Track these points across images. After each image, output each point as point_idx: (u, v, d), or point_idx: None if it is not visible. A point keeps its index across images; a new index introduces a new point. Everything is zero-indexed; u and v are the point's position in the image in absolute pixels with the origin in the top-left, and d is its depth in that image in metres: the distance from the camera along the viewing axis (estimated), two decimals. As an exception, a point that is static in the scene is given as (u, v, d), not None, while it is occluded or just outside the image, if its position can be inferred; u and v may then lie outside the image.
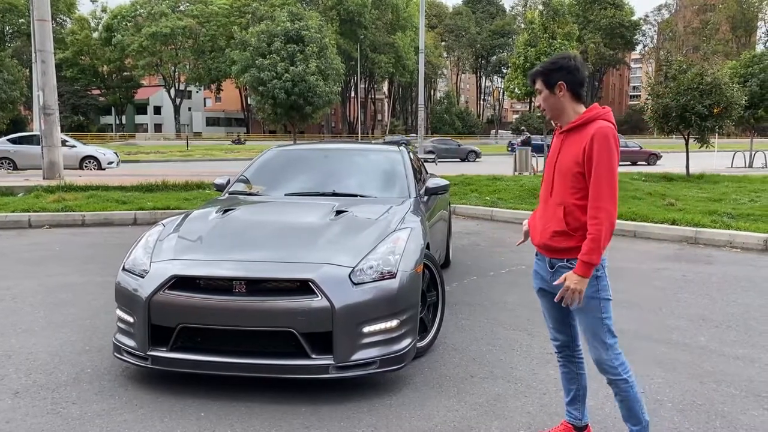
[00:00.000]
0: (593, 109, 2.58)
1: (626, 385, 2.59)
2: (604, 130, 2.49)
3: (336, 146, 6.62)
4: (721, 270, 6.63)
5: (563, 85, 2.58)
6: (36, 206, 10.13)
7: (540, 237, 2.66)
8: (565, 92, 2.59)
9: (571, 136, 2.59)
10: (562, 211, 2.55)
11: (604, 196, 2.45)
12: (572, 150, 2.56)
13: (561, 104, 2.61)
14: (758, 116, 21.66)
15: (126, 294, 3.55)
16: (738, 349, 4.16)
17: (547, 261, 2.65)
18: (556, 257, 2.60)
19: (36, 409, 3.22)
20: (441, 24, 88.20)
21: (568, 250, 2.56)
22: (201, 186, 12.86)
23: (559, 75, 2.58)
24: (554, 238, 2.58)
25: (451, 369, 3.79)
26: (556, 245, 2.58)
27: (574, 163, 2.53)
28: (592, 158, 2.47)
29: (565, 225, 2.54)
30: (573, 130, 2.59)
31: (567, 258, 2.56)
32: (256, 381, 3.42)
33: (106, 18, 70.48)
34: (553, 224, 2.58)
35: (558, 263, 2.60)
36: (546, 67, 2.63)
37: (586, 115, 2.56)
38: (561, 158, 2.61)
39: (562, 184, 2.58)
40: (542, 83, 2.62)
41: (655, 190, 12.14)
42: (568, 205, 2.55)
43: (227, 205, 4.48)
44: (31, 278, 6.11)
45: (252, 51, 18.87)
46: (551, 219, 2.60)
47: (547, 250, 2.64)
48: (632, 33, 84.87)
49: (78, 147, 22.80)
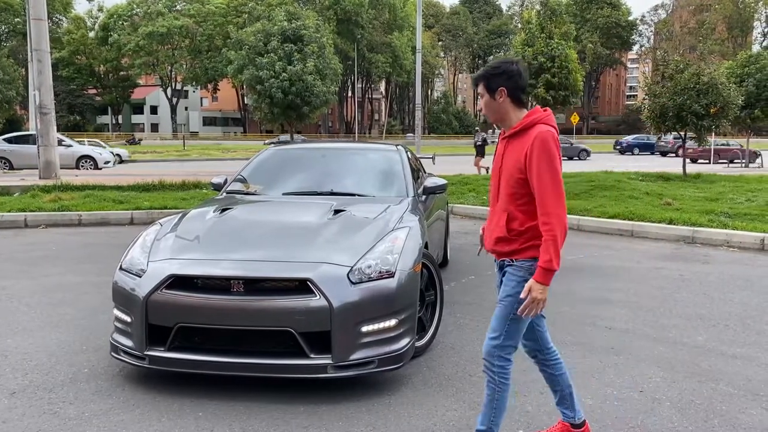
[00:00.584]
0: (533, 113, 2.57)
1: (494, 386, 2.60)
2: (544, 135, 2.48)
3: (334, 145, 6.62)
4: (718, 269, 6.64)
5: (504, 90, 2.56)
6: (32, 206, 10.09)
7: (488, 243, 2.72)
8: (505, 97, 2.58)
9: (513, 142, 2.59)
10: (506, 218, 2.58)
11: (551, 202, 2.46)
12: (514, 156, 2.56)
13: (502, 109, 2.60)
14: (754, 116, 21.71)
15: (123, 293, 3.53)
16: (736, 348, 4.17)
17: (497, 263, 2.71)
18: (502, 258, 2.65)
19: (33, 409, 3.21)
20: (438, 24, 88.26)
21: (510, 253, 2.60)
22: (198, 185, 12.84)
23: (500, 80, 2.57)
24: (498, 244, 2.63)
25: (450, 368, 3.79)
26: (499, 250, 2.63)
27: (517, 169, 2.53)
28: (532, 163, 2.47)
29: (506, 232, 2.57)
30: (515, 136, 2.59)
31: (509, 258, 2.61)
32: (254, 380, 3.41)
33: (102, 17, 70.32)
34: (496, 231, 2.62)
35: (504, 262, 2.64)
36: (488, 72, 2.62)
37: (526, 120, 2.56)
38: (504, 164, 2.61)
39: (506, 190, 2.59)
40: (484, 87, 2.61)
41: (652, 190, 12.16)
42: (512, 212, 2.57)
43: (225, 205, 4.47)
44: (28, 278, 6.09)
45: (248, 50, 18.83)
46: (496, 226, 2.63)
47: (495, 254, 2.70)
48: (629, 33, 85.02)
49: (74, 146, 22.75)
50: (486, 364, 2.61)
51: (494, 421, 2.64)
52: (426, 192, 5.19)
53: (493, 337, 2.59)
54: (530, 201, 2.53)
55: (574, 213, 9.79)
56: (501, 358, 2.58)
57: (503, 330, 2.57)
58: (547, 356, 2.78)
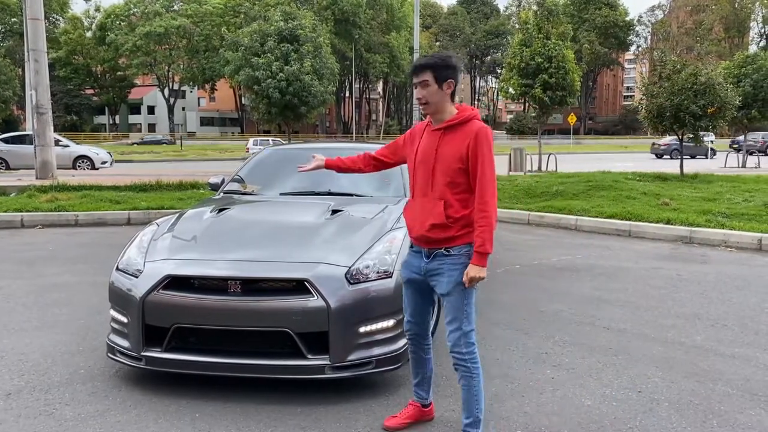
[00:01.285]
0: (467, 109, 2.73)
1: (469, 374, 2.74)
2: (486, 130, 2.65)
3: (331, 145, 6.60)
4: (715, 269, 6.64)
5: (452, 83, 2.70)
6: (29, 206, 10.06)
7: (418, 229, 2.76)
8: (451, 90, 2.70)
9: (450, 134, 2.71)
10: (443, 205, 2.68)
11: (489, 192, 2.63)
12: (453, 147, 2.67)
13: (444, 101, 2.71)
14: (751, 116, 21.71)
15: (120, 294, 3.51)
16: (734, 348, 4.16)
17: (424, 252, 2.78)
18: (434, 247, 2.73)
19: (29, 411, 3.19)
20: (436, 24, 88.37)
21: (446, 240, 2.70)
22: (195, 186, 12.81)
23: (450, 72, 2.69)
24: (432, 231, 2.70)
25: (448, 369, 3.75)
26: (434, 237, 2.71)
27: (457, 160, 2.66)
28: (477, 156, 2.62)
29: (445, 218, 2.67)
30: (451, 128, 2.70)
31: (445, 247, 2.71)
32: (251, 381, 3.40)
33: (99, 17, 70.20)
34: (432, 218, 2.69)
35: (435, 251, 2.73)
36: (438, 63, 2.69)
37: (464, 114, 2.70)
38: (441, 154, 2.70)
39: (443, 179, 2.69)
40: (432, 77, 2.67)
41: (649, 190, 12.16)
42: (449, 200, 2.68)
43: (222, 205, 4.45)
44: (24, 278, 6.06)
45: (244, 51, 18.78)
46: (430, 213, 2.70)
47: (424, 241, 2.76)
48: (626, 33, 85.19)
49: (71, 147, 22.69)
50: (456, 357, 2.72)
51: (478, 408, 2.77)
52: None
53: (455, 328, 2.71)
54: (465, 190, 2.68)
55: (572, 213, 9.80)
56: (468, 344, 2.71)
57: (463, 317, 2.70)
58: (425, 341, 2.97)
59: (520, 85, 19.24)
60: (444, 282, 2.71)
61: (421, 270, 2.80)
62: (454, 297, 2.69)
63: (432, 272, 2.75)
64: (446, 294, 2.71)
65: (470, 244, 2.67)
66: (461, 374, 2.75)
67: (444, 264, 2.71)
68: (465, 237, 2.69)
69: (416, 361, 3.01)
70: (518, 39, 20.29)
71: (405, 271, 2.91)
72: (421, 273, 2.81)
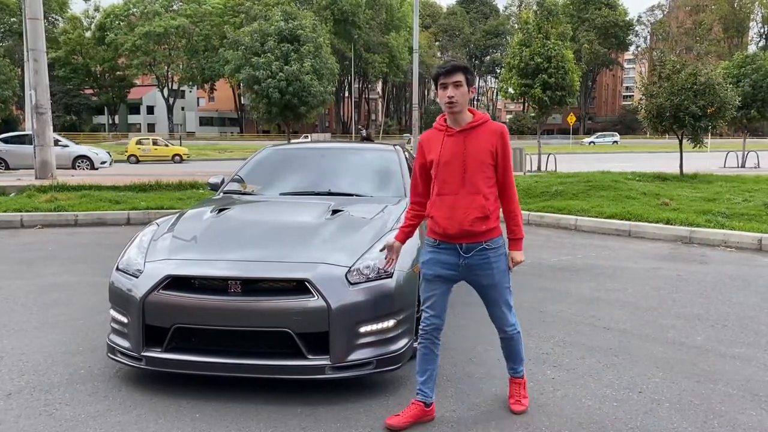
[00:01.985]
0: (478, 112, 3.01)
1: (519, 336, 3.17)
2: (504, 128, 2.98)
3: (331, 145, 6.60)
4: (715, 269, 6.64)
5: (474, 88, 3.02)
6: (28, 206, 10.06)
7: (459, 225, 2.91)
8: (473, 95, 3.00)
9: (473, 134, 2.94)
10: (481, 198, 2.91)
11: (514, 184, 3.02)
12: (481, 145, 2.92)
13: (467, 103, 2.97)
14: (751, 116, 21.71)
15: (120, 294, 3.51)
16: (734, 349, 4.16)
17: (462, 247, 2.95)
18: (473, 241, 2.94)
19: (29, 411, 3.18)
20: (435, 24, 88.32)
21: (486, 232, 2.94)
22: (195, 186, 12.80)
23: (474, 79, 3.04)
24: (475, 223, 2.91)
25: (449, 369, 3.78)
26: (476, 229, 2.91)
27: (487, 156, 2.92)
28: (505, 153, 2.95)
29: (487, 210, 2.91)
30: (472, 129, 2.95)
31: (484, 240, 2.95)
32: (251, 382, 3.40)
33: (98, 17, 70.12)
34: (474, 211, 2.91)
35: (476, 247, 2.95)
36: (469, 68, 2.99)
37: (481, 117, 2.99)
38: (471, 153, 2.91)
39: (479, 175, 2.92)
40: (464, 79, 2.91)
41: (649, 190, 12.16)
42: (485, 193, 2.92)
43: (222, 205, 4.44)
44: (24, 278, 6.06)
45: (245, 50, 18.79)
46: (470, 207, 2.91)
47: (465, 236, 2.93)
48: (626, 33, 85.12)
49: (71, 147, 22.68)
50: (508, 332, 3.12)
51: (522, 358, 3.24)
52: (424, 192, 5.17)
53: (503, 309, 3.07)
54: (494, 184, 2.97)
55: (571, 213, 9.79)
56: (514, 316, 3.13)
57: (507, 296, 3.07)
58: (438, 337, 3.10)
59: (519, 85, 19.24)
60: (492, 273, 2.98)
61: (457, 266, 2.98)
62: (500, 283, 3.01)
63: (475, 267, 2.96)
64: (494, 284, 3.00)
65: (501, 236, 3.02)
66: (513, 342, 3.15)
67: (488, 258, 2.96)
68: (498, 229, 2.98)
69: (427, 357, 3.08)
70: (518, 39, 20.28)
71: (432, 268, 3.03)
72: (456, 269, 2.99)
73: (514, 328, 3.14)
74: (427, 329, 3.06)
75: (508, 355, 3.23)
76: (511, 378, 3.31)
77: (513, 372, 3.29)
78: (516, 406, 3.21)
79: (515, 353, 3.21)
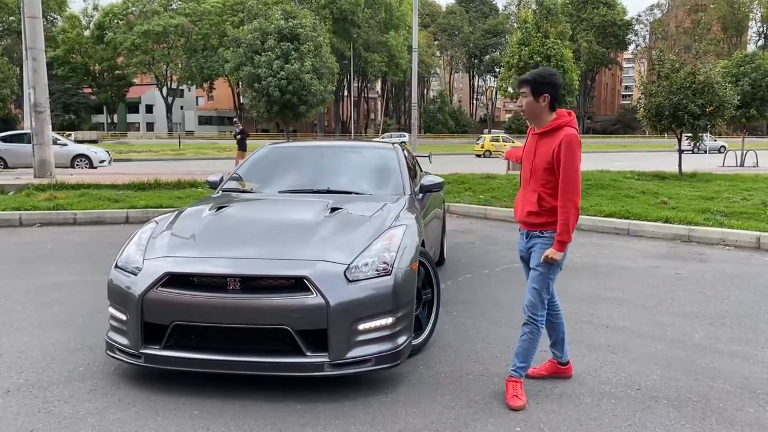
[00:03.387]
0: (561, 117, 3.22)
1: (538, 331, 3.31)
2: (570, 137, 3.14)
3: (330, 144, 6.60)
4: (714, 267, 6.65)
5: (547, 97, 3.20)
6: (27, 204, 10.05)
7: (519, 214, 3.40)
8: (546, 103, 3.21)
9: (545, 138, 3.24)
10: (536, 197, 3.25)
11: (569, 190, 3.15)
12: (544, 150, 3.21)
13: (540, 111, 3.24)
14: (750, 116, 21.75)
15: (119, 291, 3.51)
16: (732, 346, 4.17)
17: (525, 233, 3.41)
18: (531, 230, 3.35)
19: (27, 408, 3.18)
20: (434, 23, 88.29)
21: (539, 225, 3.29)
22: (194, 184, 12.80)
23: (545, 88, 3.20)
24: (529, 216, 3.31)
25: (447, 366, 3.78)
26: (530, 221, 3.32)
27: (546, 161, 3.20)
28: (560, 160, 3.14)
29: (538, 207, 3.25)
30: (546, 134, 3.24)
31: (539, 230, 3.29)
32: (250, 379, 3.40)
33: (97, 16, 70.14)
34: (528, 206, 3.31)
35: (532, 234, 3.34)
36: (536, 79, 3.20)
37: (556, 122, 3.21)
38: (537, 155, 3.25)
39: (536, 176, 3.27)
40: (529, 90, 3.20)
41: (648, 189, 12.18)
42: (541, 193, 3.25)
43: (221, 203, 4.44)
44: (22, 277, 6.06)
45: (245, 48, 18.79)
46: (527, 202, 3.32)
47: (524, 224, 3.39)
48: (625, 32, 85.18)
49: (69, 145, 22.65)
50: (530, 317, 3.29)
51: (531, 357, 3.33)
52: (423, 190, 5.18)
53: (536, 294, 3.28)
54: (554, 186, 3.20)
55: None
56: (542, 308, 3.31)
57: (544, 286, 3.29)
58: (553, 308, 3.48)
59: (518, 84, 19.24)
60: (536, 257, 3.29)
61: (524, 248, 3.43)
62: (542, 269, 3.26)
63: (530, 248, 3.37)
64: (535, 267, 3.29)
65: None
66: (529, 329, 3.29)
67: (537, 243, 3.30)
68: (555, 224, 3.21)
69: (547, 324, 3.46)
70: (517, 38, 20.29)
71: (518, 251, 3.53)
72: (525, 250, 3.43)
73: (534, 318, 3.28)
74: None
75: (519, 349, 3.33)
76: (508, 377, 3.36)
77: (513, 370, 3.34)
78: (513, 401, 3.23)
79: (525, 349, 3.30)
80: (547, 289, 3.30)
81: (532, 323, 3.29)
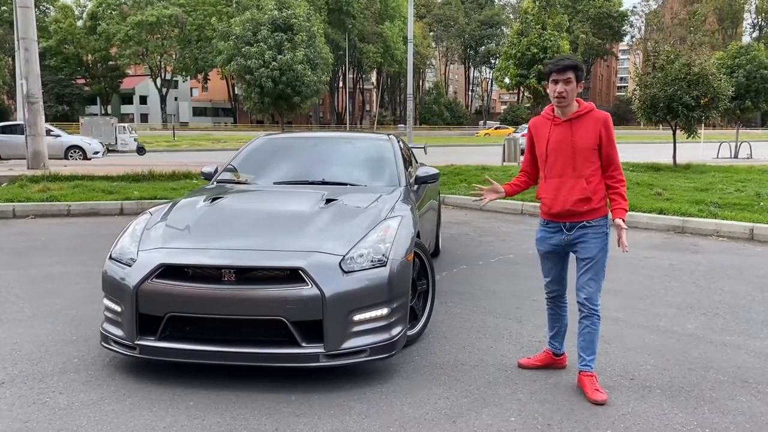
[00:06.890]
0: (583, 102, 3.28)
1: (599, 320, 3.28)
2: (607, 116, 3.24)
3: (325, 135, 6.58)
4: (707, 258, 6.68)
5: (582, 84, 3.28)
6: (20, 196, 10.00)
7: (562, 206, 3.25)
8: (580, 89, 3.28)
9: (578, 123, 3.23)
10: (584, 182, 3.21)
11: (619, 163, 3.28)
12: (587, 133, 3.20)
13: (575, 97, 3.25)
14: (744, 107, 21.81)
15: (113, 283, 3.50)
16: (725, 336, 4.20)
17: (566, 225, 3.28)
18: (575, 221, 3.25)
19: (22, 400, 3.18)
20: (429, 14, 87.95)
21: (586, 213, 3.23)
22: (188, 176, 12.76)
23: (582, 74, 3.26)
24: (577, 204, 3.22)
25: (442, 357, 3.79)
26: (578, 210, 3.22)
27: (592, 143, 3.20)
28: (610, 138, 3.22)
29: (590, 192, 3.20)
30: (578, 118, 3.23)
31: (586, 220, 3.24)
32: (246, 370, 3.40)
33: (90, 6, 69.52)
34: (576, 193, 3.22)
35: (577, 225, 3.26)
36: (580, 65, 3.25)
37: (586, 106, 3.26)
38: (578, 140, 3.21)
39: (579, 161, 3.21)
40: (575, 76, 3.20)
41: (642, 180, 12.21)
42: (587, 177, 3.22)
43: (215, 194, 4.43)
44: (16, 268, 6.03)
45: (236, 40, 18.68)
46: (573, 189, 3.23)
47: (568, 215, 3.26)
48: (620, 24, 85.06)
49: (63, 137, 22.53)
50: (589, 308, 3.25)
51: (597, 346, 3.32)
52: (418, 181, 5.18)
53: (594, 284, 3.25)
54: (598, 168, 3.24)
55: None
56: (599, 297, 3.28)
57: (601, 276, 3.27)
58: (562, 299, 3.49)
59: (517, 75, 19.24)
60: (591, 247, 3.24)
61: (561, 242, 3.33)
62: (598, 259, 3.24)
63: (576, 240, 3.27)
64: (591, 257, 3.24)
65: (605, 217, 3.25)
66: (590, 321, 3.26)
67: (588, 233, 3.24)
68: (601, 210, 3.24)
69: (553, 316, 3.53)
70: (516, 28, 20.26)
71: (543, 245, 3.41)
72: (560, 245, 3.33)
73: (596, 308, 3.25)
74: (550, 296, 3.50)
75: (584, 343, 3.28)
76: (581, 373, 3.32)
77: (584, 365, 3.31)
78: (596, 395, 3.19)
79: (590, 342, 3.27)
80: (603, 277, 3.29)
81: (593, 315, 3.25)
